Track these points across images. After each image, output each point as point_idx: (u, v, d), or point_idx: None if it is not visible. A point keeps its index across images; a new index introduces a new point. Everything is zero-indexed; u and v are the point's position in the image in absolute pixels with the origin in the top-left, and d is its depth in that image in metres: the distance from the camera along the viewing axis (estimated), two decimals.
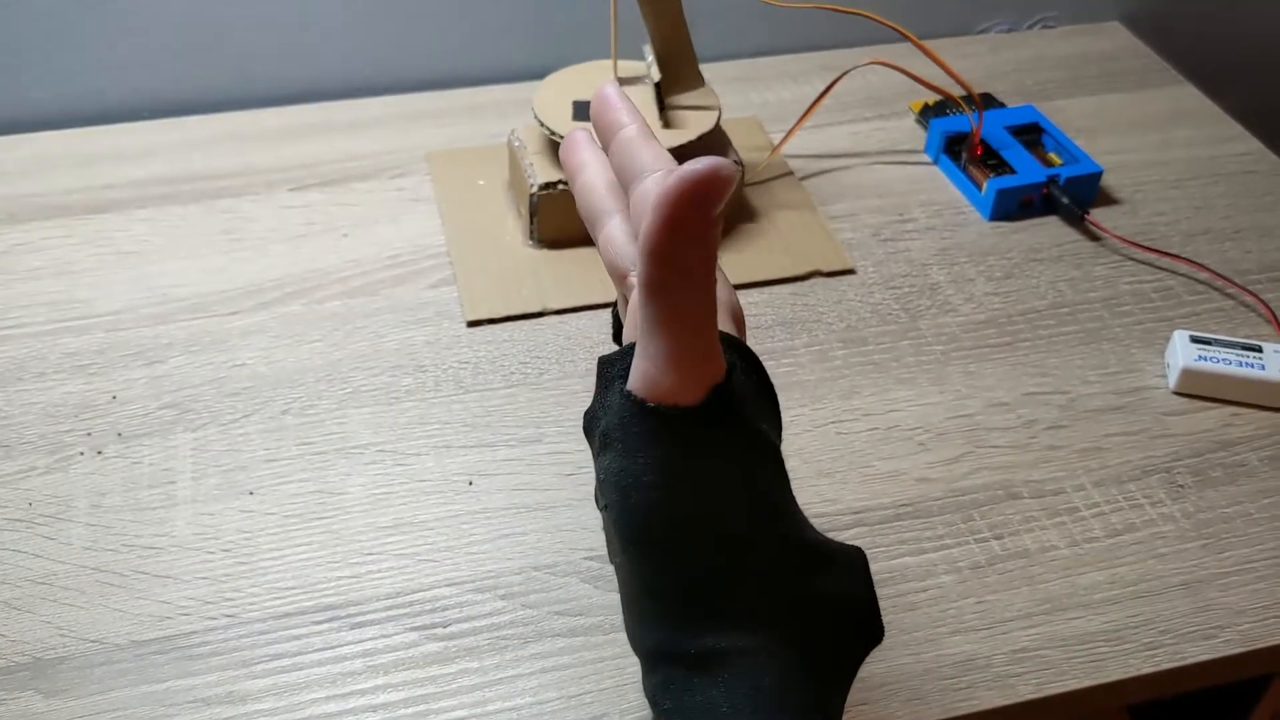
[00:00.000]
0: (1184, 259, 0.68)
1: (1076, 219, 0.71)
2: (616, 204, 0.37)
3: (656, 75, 0.65)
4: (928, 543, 0.52)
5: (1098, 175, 0.72)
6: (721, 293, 0.37)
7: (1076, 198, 0.71)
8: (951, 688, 0.47)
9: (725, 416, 0.33)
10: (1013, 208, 0.71)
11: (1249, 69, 1.00)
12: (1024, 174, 0.71)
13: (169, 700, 0.46)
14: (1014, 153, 0.73)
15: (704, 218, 0.29)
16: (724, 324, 0.36)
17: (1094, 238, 0.70)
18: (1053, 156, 0.75)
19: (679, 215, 0.29)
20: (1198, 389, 0.60)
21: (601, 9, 0.82)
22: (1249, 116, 0.82)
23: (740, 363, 0.34)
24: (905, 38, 0.69)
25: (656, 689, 0.34)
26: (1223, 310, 0.65)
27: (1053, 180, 0.71)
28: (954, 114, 0.77)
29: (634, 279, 0.34)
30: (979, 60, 0.87)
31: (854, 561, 0.36)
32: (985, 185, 0.71)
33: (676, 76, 0.66)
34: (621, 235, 0.37)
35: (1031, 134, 0.76)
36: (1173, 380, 0.60)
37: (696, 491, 0.33)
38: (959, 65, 0.85)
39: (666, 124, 0.65)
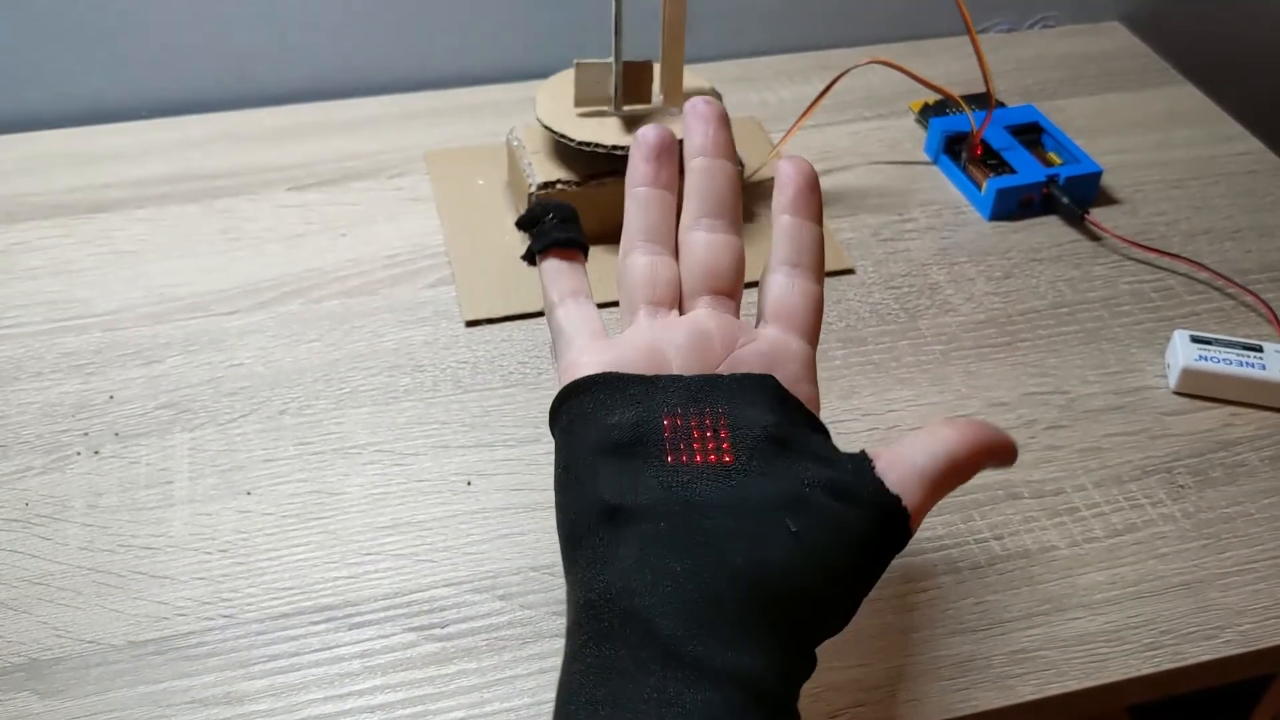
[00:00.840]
0: (1184, 258, 0.68)
1: (1077, 219, 0.71)
2: (670, 236, 0.42)
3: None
4: (927, 543, 0.52)
5: (1098, 175, 0.72)
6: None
7: (1076, 197, 0.71)
8: (950, 688, 0.47)
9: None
10: (1012, 207, 0.71)
11: (1249, 68, 1.00)
12: (1024, 174, 0.71)
13: (166, 701, 0.45)
14: (1014, 153, 0.73)
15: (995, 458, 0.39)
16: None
17: (1094, 237, 0.70)
18: (1053, 156, 0.75)
19: (989, 454, 0.39)
20: (1198, 389, 0.59)
21: (601, 8, 0.82)
22: (1249, 116, 0.82)
23: None
24: (967, 29, 0.69)
25: (680, 698, 0.32)
26: (1223, 310, 0.65)
27: (1052, 180, 0.71)
28: (954, 113, 0.77)
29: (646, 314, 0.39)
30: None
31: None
32: (985, 185, 0.71)
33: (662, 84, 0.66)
34: (672, 271, 0.41)
35: (1031, 134, 0.76)
36: (1173, 380, 0.60)
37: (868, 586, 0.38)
38: (959, 65, 0.85)
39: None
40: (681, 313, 0.40)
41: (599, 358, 0.38)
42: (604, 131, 0.64)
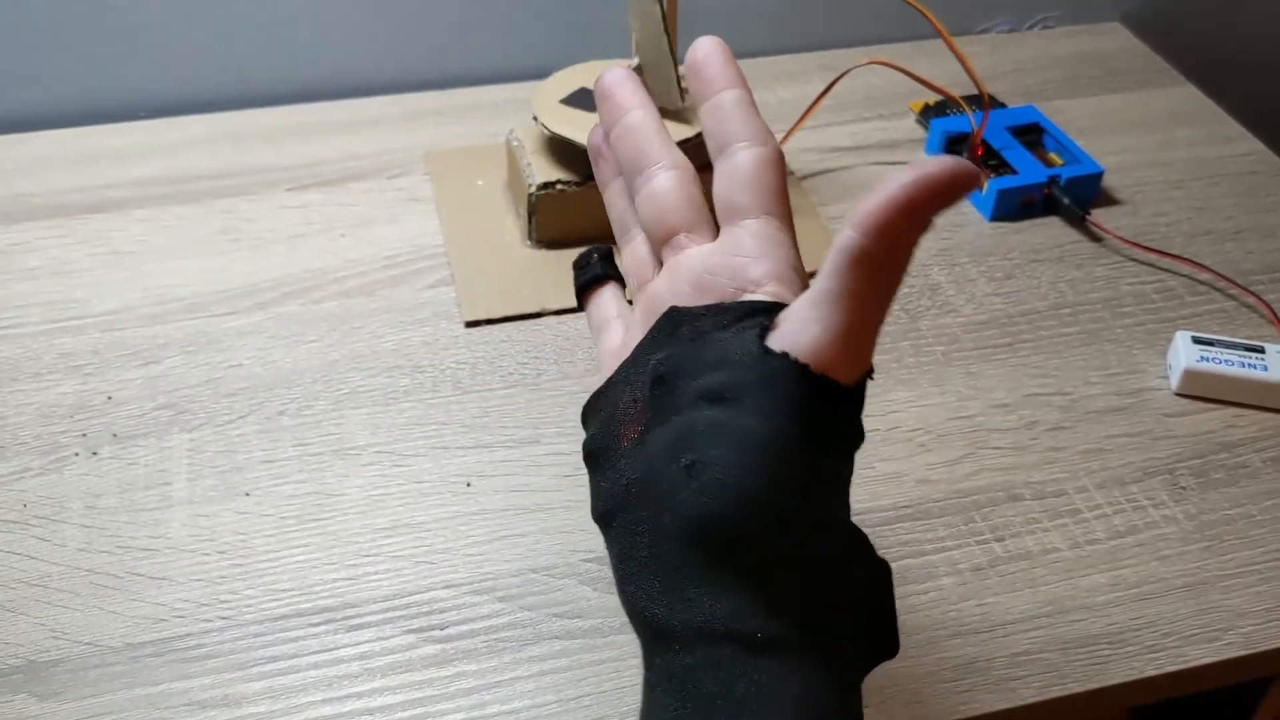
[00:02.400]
0: (1185, 259, 0.68)
1: (1078, 219, 0.70)
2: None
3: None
4: (928, 544, 0.52)
5: (1099, 176, 0.72)
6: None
7: (1078, 198, 0.70)
8: (952, 691, 0.47)
9: (858, 406, 0.33)
10: (1014, 208, 0.71)
11: (1250, 69, 1.00)
12: (1025, 174, 0.71)
13: (164, 703, 0.45)
14: (1015, 153, 0.73)
15: (936, 210, 0.29)
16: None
17: (1095, 238, 0.70)
18: (1054, 157, 0.75)
19: (921, 199, 0.29)
20: (1200, 390, 0.59)
21: (601, 9, 0.82)
22: (1250, 117, 0.82)
23: None
24: (939, 33, 0.69)
25: (694, 669, 0.31)
26: (1225, 311, 0.65)
27: (1054, 181, 0.71)
28: (954, 114, 0.77)
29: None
30: (979, 60, 0.86)
31: (881, 571, 0.35)
32: (986, 185, 0.71)
33: (654, 90, 0.65)
34: (645, 247, 0.39)
35: (1032, 134, 0.76)
36: (1174, 381, 0.60)
37: (819, 471, 0.32)
38: (958, 66, 0.85)
39: (683, 118, 0.65)
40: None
41: (608, 375, 0.38)
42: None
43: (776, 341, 0.32)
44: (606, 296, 0.41)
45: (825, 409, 0.32)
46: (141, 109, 0.79)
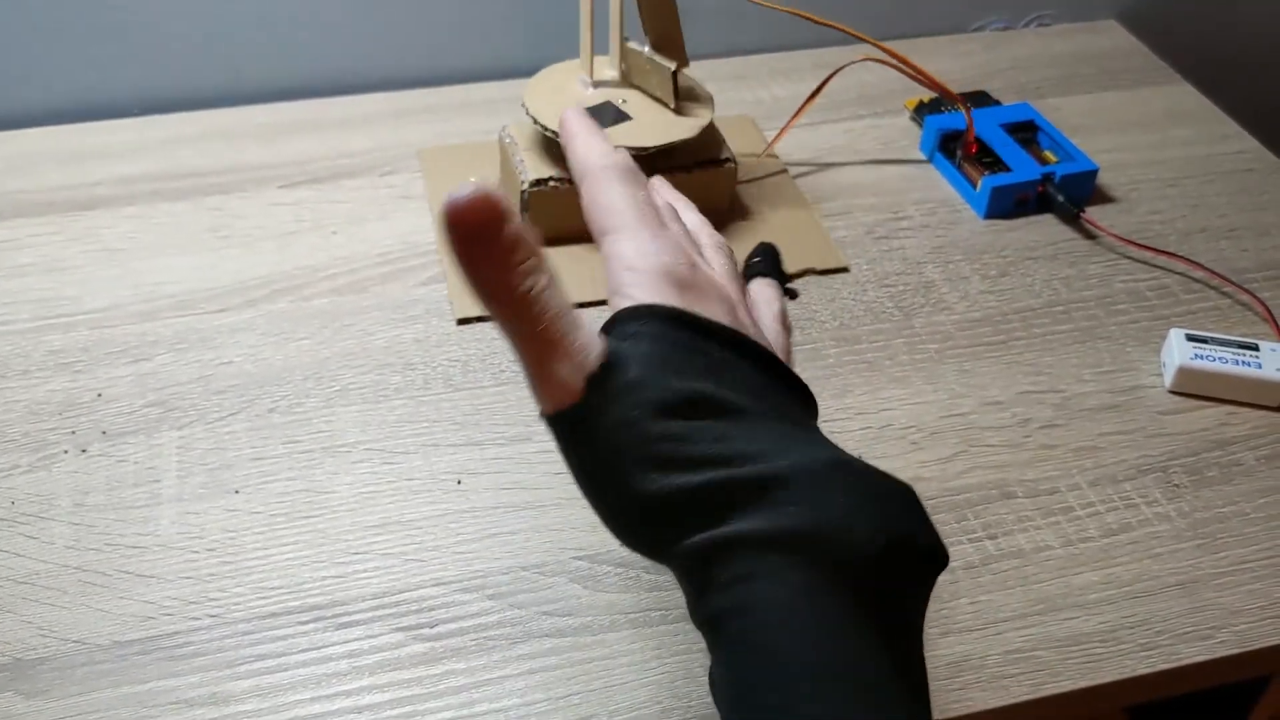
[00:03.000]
0: (1180, 257, 0.67)
1: (1072, 217, 0.70)
2: None
3: (670, 64, 0.64)
4: None
5: (1093, 173, 0.72)
6: (661, 256, 0.37)
7: (1072, 196, 0.70)
8: (945, 689, 0.46)
9: (611, 400, 0.33)
10: (1008, 206, 0.71)
11: (1246, 67, 0.99)
12: (1019, 172, 0.71)
13: (151, 701, 0.45)
14: (1009, 150, 0.72)
15: (470, 246, 0.31)
16: (663, 291, 0.36)
17: (1089, 236, 0.70)
18: (1048, 154, 0.75)
19: (459, 250, 0.31)
20: (1194, 388, 0.59)
21: (599, 6, 0.82)
22: (1246, 115, 0.82)
23: (662, 329, 0.35)
24: (873, 44, 0.69)
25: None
26: (1219, 309, 0.65)
27: (1048, 178, 0.70)
28: (949, 111, 0.77)
29: None
30: (975, 58, 0.86)
31: (835, 469, 0.34)
32: (980, 183, 0.71)
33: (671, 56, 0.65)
34: None
35: (1027, 132, 0.75)
36: (1168, 379, 0.59)
37: (597, 471, 0.35)
38: (955, 63, 0.85)
39: (679, 111, 0.65)
40: None
41: None
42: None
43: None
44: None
45: (574, 425, 0.35)
46: (133, 106, 0.79)
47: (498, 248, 0.31)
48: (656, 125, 0.65)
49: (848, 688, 0.31)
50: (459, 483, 0.54)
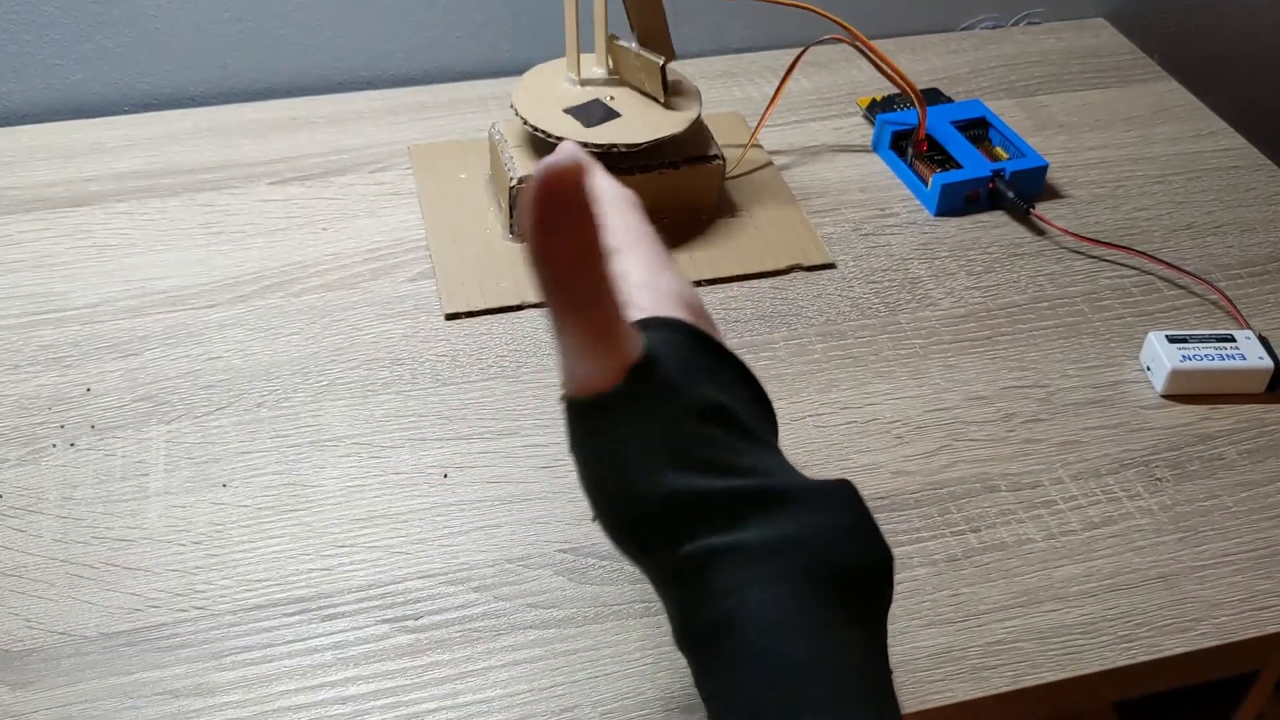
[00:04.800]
0: (1137, 252, 0.68)
1: (1022, 213, 0.70)
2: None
3: (657, 58, 0.64)
4: (904, 535, 0.52)
5: (1043, 169, 0.72)
6: (673, 283, 0.38)
7: (1022, 192, 0.70)
8: (926, 679, 0.47)
9: (651, 393, 0.33)
10: (958, 202, 0.71)
11: (1233, 65, 1.00)
12: (969, 169, 0.71)
13: (137, 692, 0.45)
14: (960, 147, 0.73)
15: (555, 210, 0.30)
16: (675, 311, 0.36)
17: (1038, 231, 0.69)
18: (999, 151, 0.75)
19: (545, 212, 0.30)
20: (1185, 388, 0.59)
21: (583, 4, 0.82)
22: (1232, 113, 0.82)
23: (682, 340, 0.35)
24: (852, 34, 0.69)
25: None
26: (1166, 298, 0.65)
27: (998, 174, 0.71)
28: (902, 109, 0.77)
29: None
30: (964, 56, 0.87)
31: (834, 491, 0.35)
32: (930, 180, 0.71)
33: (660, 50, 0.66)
34: None
35: (978, 129, 0.76)
36: (1160, 384, 0.59)
37: (614, 461, 0.34)
38: (944, 61, 0.85)
39: (668, 106, 0.65)
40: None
41: None
42: (580, 126, 0.64)
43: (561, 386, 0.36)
44: None
45: (600, 414, 0.35)
46: (124, 103, 0.79)
47: (581, 216, 0.30)
48: (646, 121, 0.65)
49: (848, 690, 0.32)
50: (445, 476, 0.54)
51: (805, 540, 0.33)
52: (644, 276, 0.38)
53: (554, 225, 0.30)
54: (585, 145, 0.63)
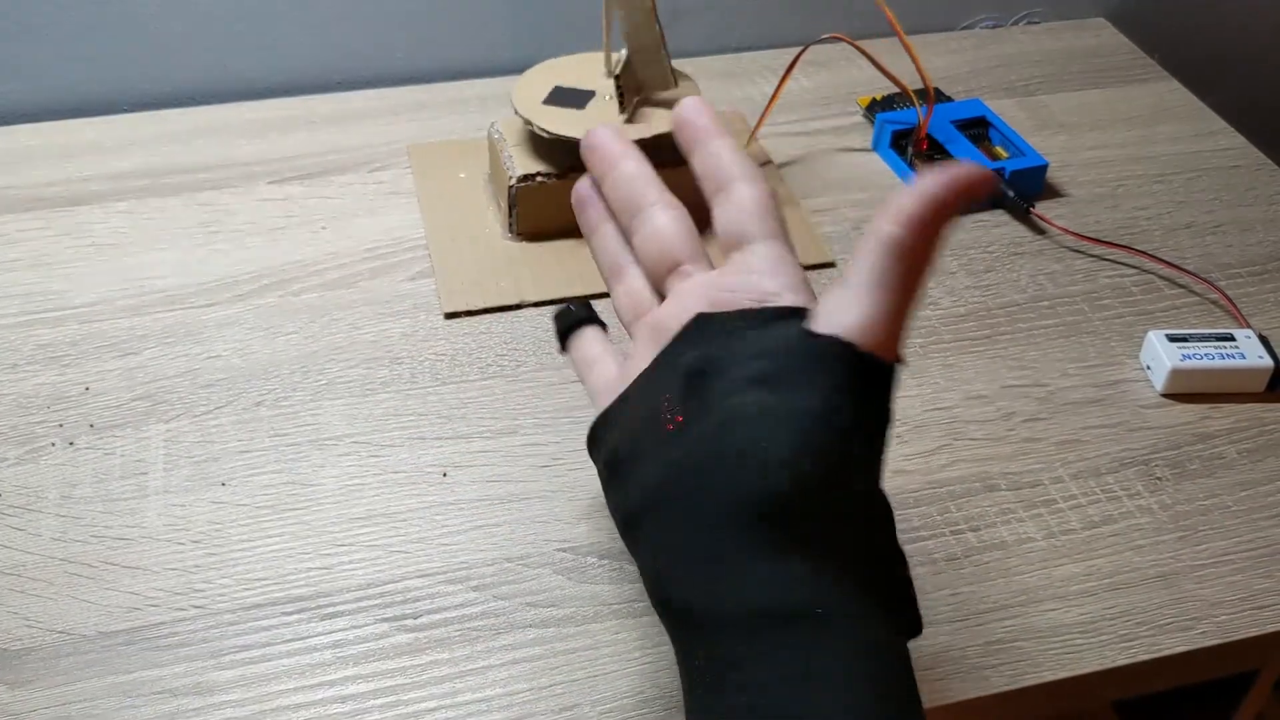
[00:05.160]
0: (1140, 252, 0.68)
1: (1022, 212, 0.70)
2: (630, 256, 0.42)
3: (617, 70, 0.64)
4: (903, 534, 0.52)
5: (1043, 169, 0.72)
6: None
7: (1022, 191, 0.70)
8: (926, 679, 0.47)
9: (893, 386, 0.35)
10: None
11: (1233, 65, 1.00)
12: None
13: (136, 691, 0.45)
14: (959, 147, 0.73)
15: (961, 208, 0.33)
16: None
17: (1040, 230, 0.70)
18: (999, 150, 0.75)
19: (950, 198, 0.33)
20: (1186, 387, 0.59)
21: (582, 3, 0.82)
22: (1233, 112, 0.82)
23: None
24: (894, 27, 0.69)
25: (746, 659, 0.32)
26: (1186, 305, 0.65)
27: (998, 174, 0.71)
28: (901, 108, 0.77)
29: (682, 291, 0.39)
30: (963, 56, 0.87)
31: (898, 551, 0.36)
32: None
33: (646, 75, 0.65)
34: (641, 282, 0.41)
35: (978, 128, 0.76)
36: (1160, 383, 0.59)
37: (865, 445, 0.34)
38: (944, 61, 0.85)
39: (631, 119, 0.65)
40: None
41: (608, 398, 0.40)
42: (581, 124, 0.64)
43: (820, 326, 0.34)
44: (590, 336, 0.44)
45: (869, 387, 0.34)
46: (123, 102, 0.79)
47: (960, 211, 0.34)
48: (644, 118, 0.65)
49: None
50: (445, 475, 0.54)
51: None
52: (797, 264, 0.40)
53: (951, 216, 0.34)
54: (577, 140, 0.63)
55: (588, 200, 0.43)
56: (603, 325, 0.45)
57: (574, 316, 0.45)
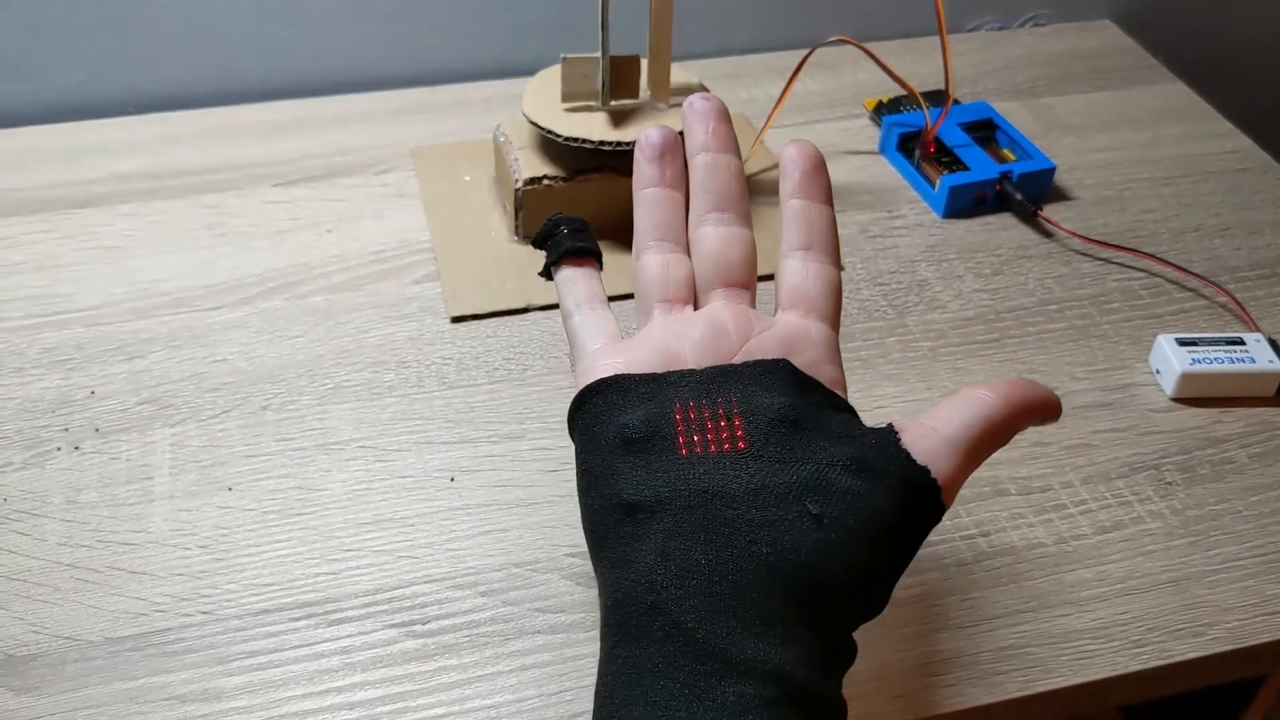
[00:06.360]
0: (1147, 255, 0.67)
1: (1029, 215, 0.70)
2: (684, 236, 0.42)
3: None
4: None
5: (1051, 171, 0.72)
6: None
7: (1030, 194, 0.70)
8: (938, 685, 0.47)
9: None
10: (966, 204, 0.71)
11: (1239, 67, 1.00)
12: (977, 170, 0.71)
13: (143, 698, 0.45)
14: (967, 149, 0.72)
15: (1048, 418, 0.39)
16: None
17: (1047, 233, 0.69)
18: (1006, 153, 0.75)
19: (1047, 409, 0.39)
20: (1196, 391, 0.59)
21: (588, 6, 0.82)
22: (1239, 114, 0.82)
23: None
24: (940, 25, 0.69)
25: (742, 704, 0.32)
26: (1195, 309, 0.65)
27: (1005, 176, 0.70)
28: (908, 111, 0.77)
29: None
30: (969, 58, 0.86)
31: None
32: (938, 182, 0.70)
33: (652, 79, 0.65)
34: (687, 270, 0.41)
35: (985, 130, 0.75)
36: (1169, 387, 0.59)
37: (905, 564, 0.37)
38: (921, 67, 0.85)
39: (672, 107, 0.65)
40: (697, 308, 0.40)
41: (613, 360, 0.38)
42: (590, 127, 0.64)
43: (918, 455, 0.36)
44: (591, 276, 0.42)
45: (928, 522, 0.37)
46: (128, 104, 0.79)
47: None
48: (651, 120, 0.65)
49: None
50: (452, 480, 0.54)
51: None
52: None
53: (1039, 420, 0.39)
54: (601, 144, 0.63)
55: (667, 151, 0.41)
56: (598, 257, 0.42)
57: (564, 246, 0.42)
